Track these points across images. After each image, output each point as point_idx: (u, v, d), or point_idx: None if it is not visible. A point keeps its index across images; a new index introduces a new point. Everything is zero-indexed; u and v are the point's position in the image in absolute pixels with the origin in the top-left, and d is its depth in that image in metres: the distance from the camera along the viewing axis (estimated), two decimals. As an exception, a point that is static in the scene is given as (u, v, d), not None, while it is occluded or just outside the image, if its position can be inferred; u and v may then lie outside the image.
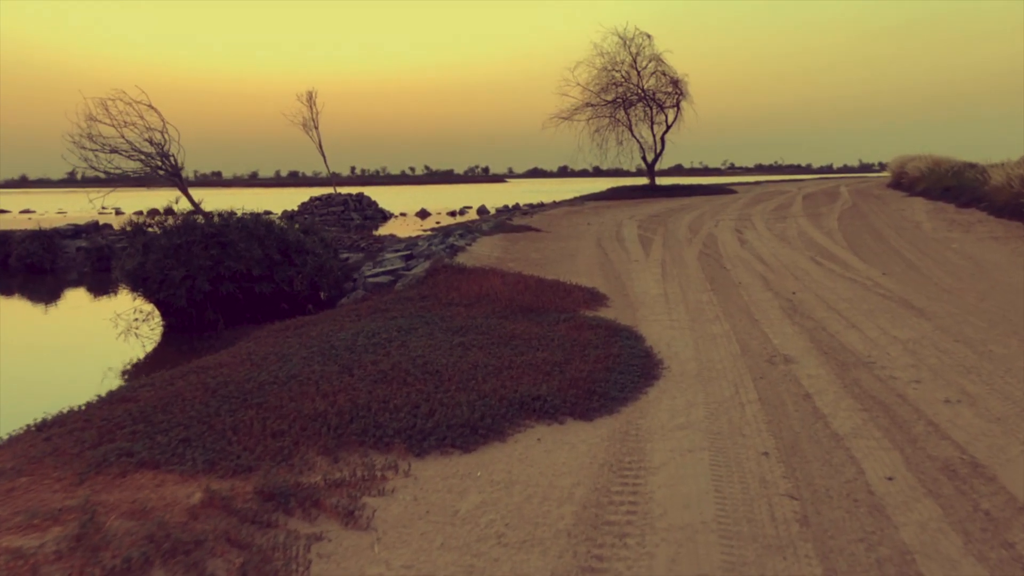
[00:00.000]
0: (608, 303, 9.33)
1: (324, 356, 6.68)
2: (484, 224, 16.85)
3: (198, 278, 10.52)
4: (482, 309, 8.48)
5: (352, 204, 31.11)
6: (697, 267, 12.33)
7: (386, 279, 10.99)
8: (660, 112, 38.74)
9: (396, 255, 13.06)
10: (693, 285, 10.67)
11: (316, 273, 12.45)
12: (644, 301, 9.52)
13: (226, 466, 4.39)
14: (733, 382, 6.09)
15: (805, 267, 12.10)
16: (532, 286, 9.57)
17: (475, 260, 11.72)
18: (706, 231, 17.95)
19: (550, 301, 8.89)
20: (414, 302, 9.07)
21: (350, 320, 8.41)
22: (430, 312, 8.44)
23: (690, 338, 7.60)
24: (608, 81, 38.15)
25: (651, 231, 18.01)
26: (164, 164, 15.04)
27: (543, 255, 13.16)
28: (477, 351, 6.70)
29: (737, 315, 8.65)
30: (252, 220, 12.42)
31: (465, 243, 13.18)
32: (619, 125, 39.09)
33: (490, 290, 9.29)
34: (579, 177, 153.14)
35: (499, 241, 14.48)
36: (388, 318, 8.26)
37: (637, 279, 11.17)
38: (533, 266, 11.87)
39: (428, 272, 10.53)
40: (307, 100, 33.14)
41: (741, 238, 16.36)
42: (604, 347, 6.89)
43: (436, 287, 9.74)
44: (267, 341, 7.83)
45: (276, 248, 12.07)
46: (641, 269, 12.11)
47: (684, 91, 38.02)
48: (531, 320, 8.03)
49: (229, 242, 11.06)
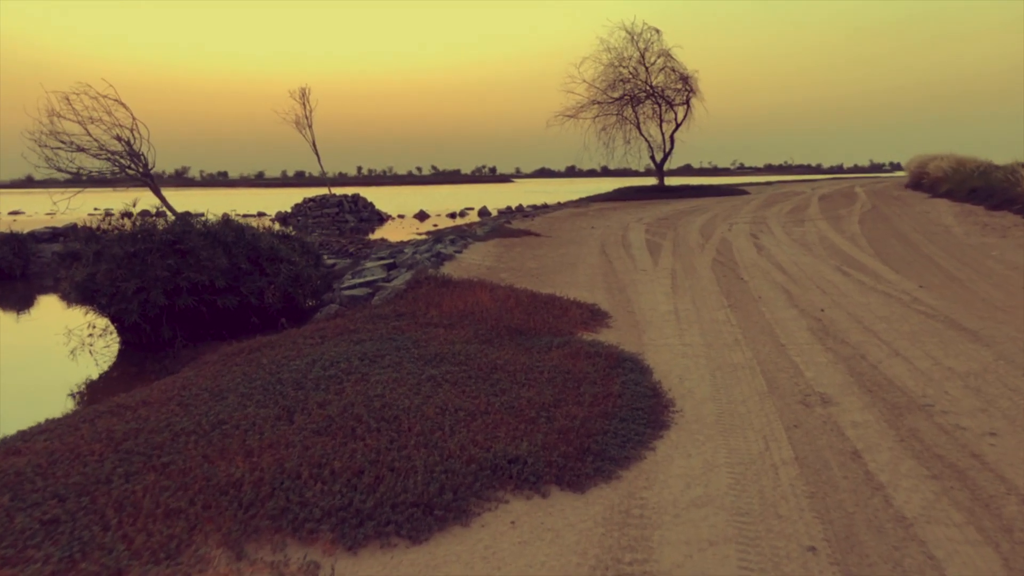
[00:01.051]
0: (610, 323, 8.16)
1: (266, 393, 5.56)
2: (479, 228, 15.73)
3: (152, 291, 9.41)
4: (464, 331, 7.34)
5: (347, 206, 29.93)
6: (711, 278, 11.15)
7: (363, 292, 9.86)
8: (669, 109, 37.56)
9: (377, 264, 11.94)
10: (708, 300, 9.49)
11: (291, 284, 11.32)
12: (652, 320, 8.36)
13: (88, 568, 3.27)
14: (761, 432, 4.92)
15: (831, 278, 10.90)
16: (524, 302, 8.42)
17: (463, 270, 10.58)
18: (719, 236, 16.75)
19: (543, 321, 7.74)
20: (388, 321, 7.94)
21: (311, 344, 7.28)
22: (403, 334, 7.30)
23: (706, 369, 6.43)
24: (615, 78, 37.00)
25: (660, 236, 16.84)
26: (134, 164, 13.96)
27: (540, 264, 12.00)
28: (449, 389, 5.55)
29: (760, 338, 7.48)
30: (220, 225, 11.31)
31: (455, 250, 12.05)
32: (626, 123, 37.94)
33: (475, 307, 8.15)
34: (587, 177, 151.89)
35: (493, 248, 13.34)
36: (354, 341, 7.13)
37: (644, 292, 10.00)
38: (528, 277, 10.72)
39: (409, 285, 9.40)
40: (300, 97, 32.08)
41: (758, 244, 15.16)
42: (603, 383, 5.73)
43: (416, 303, 8.60)
44: (209, 370, 6.71)
45: (245, 256, 10.95)
46: (649, 280, 10.94)
47: (694, 87, 36.83)
48: (519, 345, 6.88)
49: (189, 250, 9.95)
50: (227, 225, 11.37)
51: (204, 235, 10.58)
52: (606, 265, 12.31)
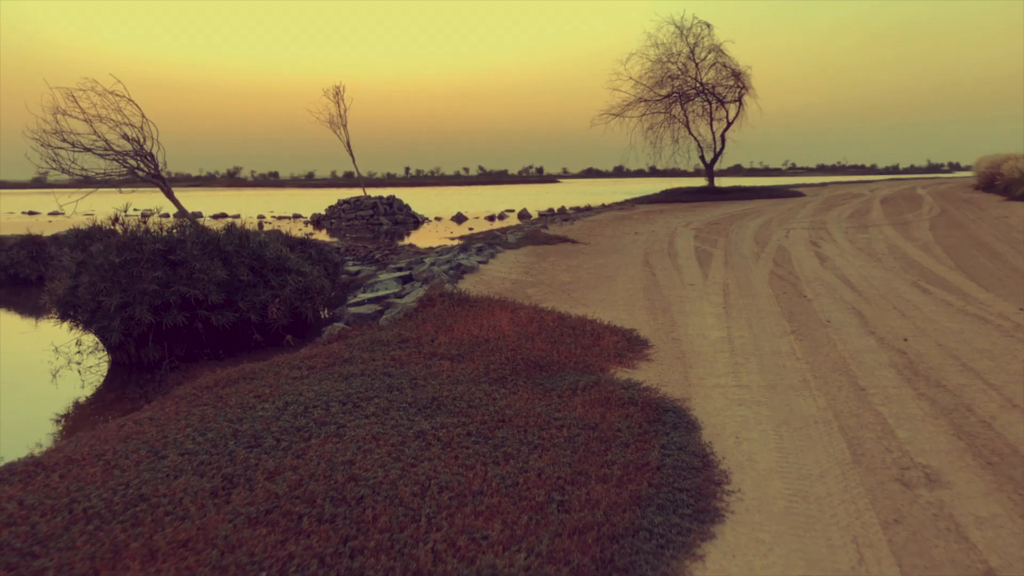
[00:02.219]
0: (650, 354, 6.88)
1: (212, 452, 4.46)
2: (511, 235, 14.54)
3: (137, 307, 8.45)
4: (473, 365, 6.15)
5: (382, 208, 28.92)
6: (769, 294, 9.77)
7: (370, 309, 8.75)
8: (720, 107, 35.84)
9: (392, 276, 10.84)
10: (767, 324, 8.14)
11: (299, 297, 10.29)
12: (700, 350, 7.05)
13: None
14: (850, 531, 3.62)
15: (910, 296, 9.43)
16: (548, 327, 7.20)
17: (485, 285, 9.40)
18: (775, 243, 15.27)
19: (570, 352, 6.51)
20: (388, 349, 6.80)
21: (294, 377, 6.18)
22: (402, 368, 6.15)
23: (769, 424, 5.13)
24: (663, 74, 35.47)
25: (710, 243, 15.42)
26: (145, 164, 13.11)
27: (574, 277, 10.75)
28: (439, 452, 4.37)
29: (833, 378, 6.13)
30: (223, 232, 10.33)
31: (479, 260, 10.88)
32: (675, 122, 36.35)
33: (491, 333, 6.96)
34: (635, 177, 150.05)
35: (523, 257, 12.14)
36: (342, 377, 6.00)
37: (692, 313, 8.69)
38: (558, 293, 9.48)
39: (420, 303, 8.26)
40: (334, 96, 31.24)
41: (819, 253, 13.66)
42: (638, 446, 4.49)
43: (424, 326, 7.45)
44: (170, 409, 5.64)
45: (248, 267, 9.95)
46: (697, 298, 9.60)
47: (747, 84, 35.06)
48: (537, 386, 5.66)
49: (182, 261, 8.97)
50: (229, 232, 10.38)
51: (201, 244, 9.60)
52: (649, 278, 11.00)
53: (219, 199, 69.36)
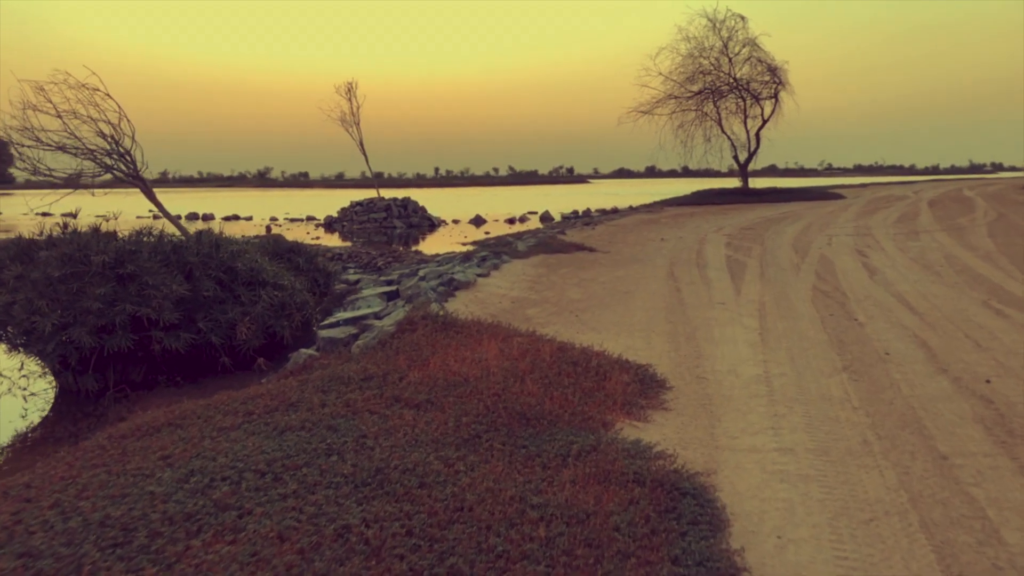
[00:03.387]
0: (668, 401, 5.56)
1: (58, 556, 3.27)
2: (521, 242, 13.24)
3: (76, 327, 7.33)
4: (442, 416, 4.89)
5: (395, 210, 27.67)
6: (813, 316, 8.38)
7: (344, 333, 7.54)
8: (755, 104, 34.16)
9: (376, 292, 9.63)
10: (812, 356, 6.77)
11: (273, 314, 9.13)
12: (731, 395, 5.72)
13: None
14: None
15: (982, 321, 7.98)
16: (545, 362, 5.91)
17: (480, 304, 8.13)
18: (817, 252, 13.80)
19: (566, 399, 5.22)
20: (348, 389, 5.57)
21: (221, 428, 4.99)
22: (354, 418, 4.92)
23: (822, 515, 3.80)
24: (695, 69, 33.88)
25: (744, 251, 13.99)
26: (123, 163, 12.06)
27: (586, 293, 9.41)
28: (359, 566, 3.13)
29: (903, 439, 4.77)
30: (192, 240, 9.20)
31: (478, 274, 9.61)
32: (707, 119, 34.74)
33: (474, 370, 5.70)
34: (666, 178, 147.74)
35: (532, 268, 10.85)
36: (277, 430, 4.79)
37: (722, 341, 7.34)
38: (564, 314, 8.17)
39: (399, 327, 7.03)
40: (346, 93, 30.11)
41: (867, 264, 12.18)
42: (641, 556, 3.21)
43: (397, 357, 6.21)
44: (51, 475, 4.47)
45: (215, 280, 8.81)
46: (729, 320, 8.24)
47: (783, 80, 33.32)
48: (516, 451, 4.39)
49: (130, 274, 7.83)
50: (200, 239, 9.25)
51: (162, 255, 8.48)
52: (673, 295, 9.64)
53: (239, 200, 68.88)
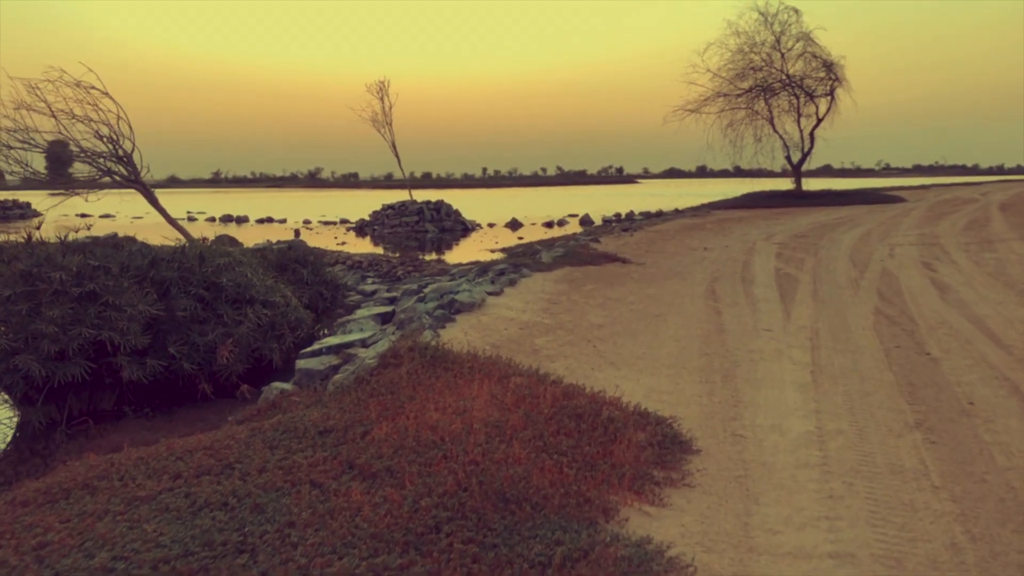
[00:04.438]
0: (691, 474, 4.40)
1: None
2: (546, 253, 12.12)
3: (24, 354, 6.50)
4: (399, 494, 3.85)
5: (428, 214, 26.73)
6: (876, 349, 7.11)
7: (324, 364, 6.58)
8: (809, 102, 32.37)
9: (370, 314, 8.65)
10: (876, 406, 5.54)
11: (261, 335, 8.23)
12: (774, 464, 4.54)
13: None
14: None
15: (1086, 359, 6.61)
16: (542, 415, 4.82)
17: (481, 332, 7.05)
18: (878, 265, 12.38)
19: (561, 472, 4.13)
20: (298, 446, 4.57)
21: (132, 499, 4.04)
22: (291, 493, 3.91)
23: None
24: (745, 66, 32.26)
25: (795, 264, 12.64)
26: (125, 168, 11.34)
27: (609, 317, 8.25)
28: None
29: (1006, 541, 3.56)
30: (177, 251, 8.36)
31: (488, 292, 8.53)
32: (757, 118, 33.07)
33: (454, 425, 4.65)
34: (718, 178, 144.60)
35: (552, 285, 9.73)
36: (193, 509, 3.81)
37: (765, 382, 6.14)
38: (579, 345, 7.03)
39: (382, 360, 6.02)
40: (378, 92, 29.31)
41: (937, 280, 10.76)
42: None
43: (367, 404, 5.19)
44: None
45: (196, 297, 7.94)
46: (775, 354, 7.02)
47: (840, 76, 31.48)
48: (482, 554, 3.32)
49: (90, 293, 6.98)
50: (183, 251, 8.40)
51: (133, 269, 7.64)
52: (711, 319, 8.44)
53: (280, 201, 68.84)
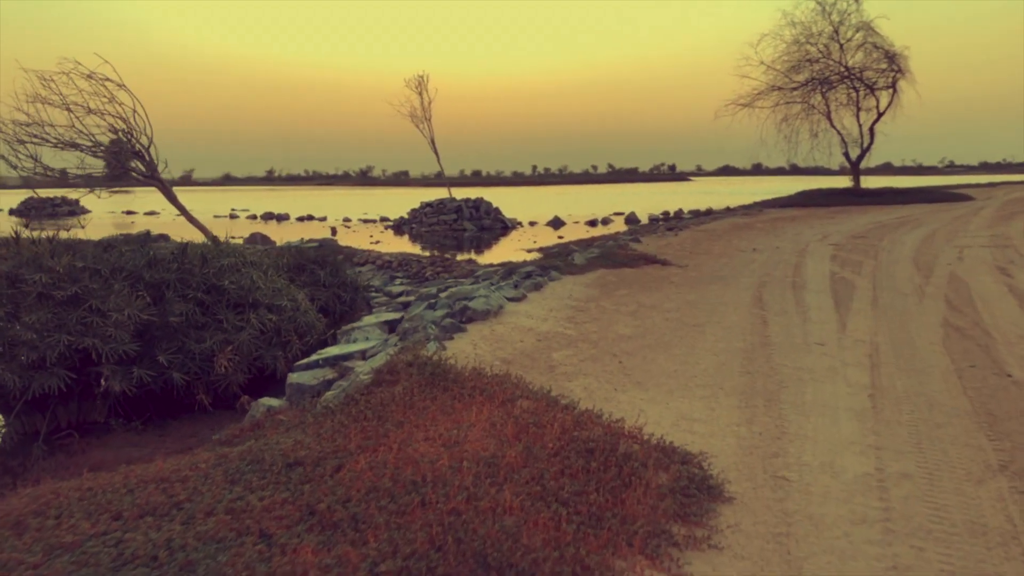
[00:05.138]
0: (720, 529, 3.62)
1: None
2: (579, 255, 11.32)
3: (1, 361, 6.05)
4: (355, 556, 3.18)
5: (466, 212, 26.08)
6: (946, 369, 6.18)
7: (317, 379, 5.96)
8: (869, 95, 30.79)
9: (376, 321, 8.00)
10: (948, 441, 4.67)
11: (265, 342, 7.68)
12: (823, 519, 3.73)
13: None
14: None
15: None
16: (548, 448, 4.10)
17: (494, 343, 6.34)
18: (945, 269, 11.30)
19: (558, 526, 3.40)
20: (264, 481, 3.94)
21: (60, 545, 3.46)
22: (232, 547, 3.28)
23: None
24: (801, 58, 30.86)
25: (852, 267, 11.63)
26: (141, 163, 10.96)
27: (640, 327, 7.44)
28: None
29: None
30: (177, 251, 7.87)
31: (509, 297, 7.81)
32: (814, 112, 31.62)
33: (445, 456, 3.96)
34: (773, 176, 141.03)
35: (581, 290, 8.96)
36: (116, 563, 3.21)
37: (815, 409, 5.30)
38: (602, 360, 6.24)
39: (377, 376, 5.37)
40: (417, 87, 28.77)
41: (1014, 287, 9.67)
42: None
43: (347, 431, 4.53)
44: None
45: (196, 301, 7.43)
46: (827, 373, 6.15)
47: (903, 68, 29.86)
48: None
49: (73, 297, 6.50)
50: (184, 252, 7.91)
51: (125, 271, 7.15)
52: (756, 330, 7.58)
53: (326, 199, 69.02)
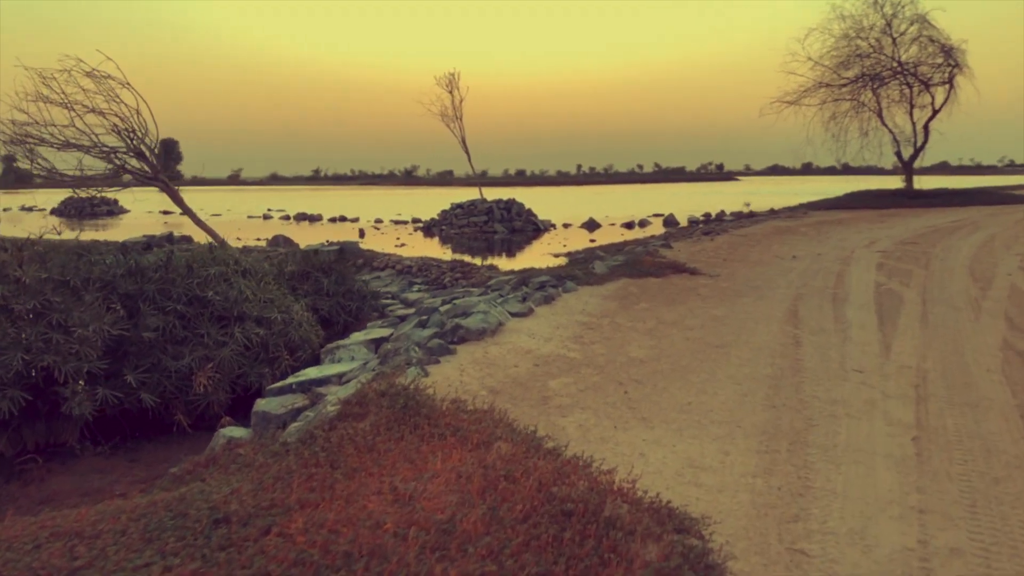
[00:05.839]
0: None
1: None
2: (600, 262, 10.54)
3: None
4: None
5: (497, 213, 25.39)
6: (1007, 405, 5.33)
7: (285, 406, 5.37)
8: (924, 91, 29.32)
9: (364, 339, 7.39)
10: (1010, 504, 3.87)
11: (251, 359, 7.16)
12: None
13: None
14: None
15: None
16: (518, 508, 3.42)
17: (484, 367, 5.66)
18: (1005, 280, 10.29)
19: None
20: (184, 542, 3.34)
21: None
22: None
23: None
24: (850, 53, 29.53)
25: (901, 277, 10.67)
26: (147, 164, 10.57)
27: (656, 348, 6.68)
28: None
29: None
30: (161, 260, 7.41)
31: (513, 312, 7.14)
32: (864, 110, 30.23)
33: (395, 516, 3.33)
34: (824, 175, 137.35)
35: (597, 302, 8.23)
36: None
37: (848, 454, 4.51)
38: (607, 388, 5.50)
39: (344, 408, 4.76)
40: (447, 84, 28.20)
41: (1086, 304, 8.66)
42: None
43: (299, 472, 3.92)
44: None
45: (175, 314, 6.94)
46: (865, 407, 5.34)
47: (960, 62, 28.34)
48: None
49: (34, 310, 6.04)
50: (170, 260, 7.43)
51: (99, 282, 6.69)
52: (786, 353, 6.77)
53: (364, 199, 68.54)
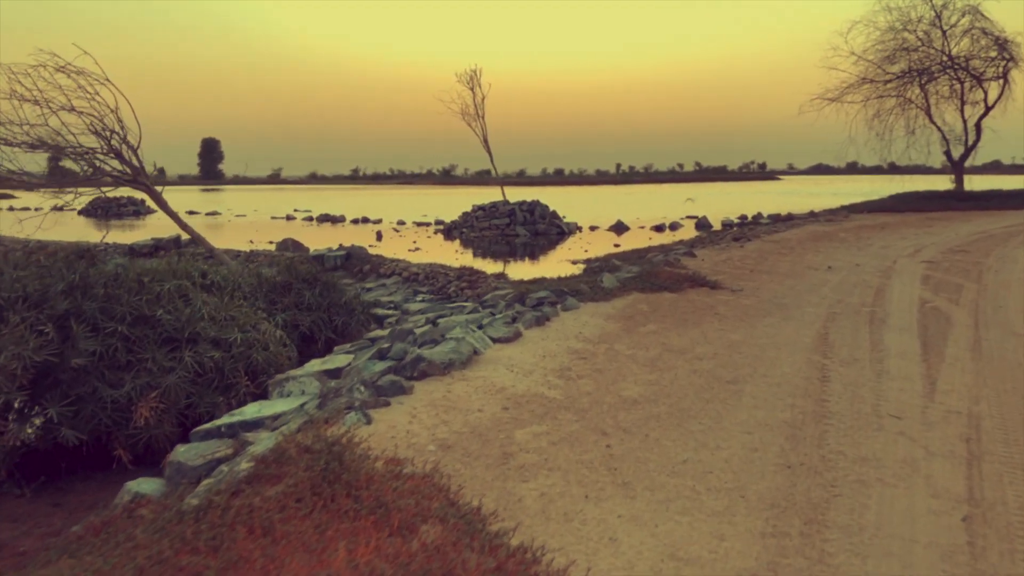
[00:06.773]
0: None
1: None
2: (609, 275, 9.54)
3: None
4: None
5: (520, 216, 24.46)
6: (1084, 470, 4.29)
7: (203, 456, 4.57)
8: (976, 87, 27.70)
9: (322, 369, 6.49)
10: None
11: (203, 385, 6.41)
12: None
13: None
14: None
15: None
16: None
17: (441, 412, 4.80)
18: (1071, 299, 9.09)
19: None
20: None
21: None
22: None
23: None
24: (896, 46, 28.03)
25: (949, 294, 9.53)
26: (128, 166, 9.94)
27: (654, 385, 5.70)
28: None
29: None
30: (110, 275, 6.72)
31: (496, 338, 6.28)
32: (910, 107, 28.70)
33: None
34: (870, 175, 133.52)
35: (597, 323, 7.29)
36: None
37: (876, 539, 3.55)
38: (586, 440, 4.55)
39: (256, 468, 3.93)
40: (469, 82, 27.34)
41: None
42: None
43: (173, 560, 3.10)
44: None
45: (119, 336, 6.22)
46: (903, 467, 4.35)
47: (1015, 56, 26.69)
48: None
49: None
50: (116, 278, 6.72)
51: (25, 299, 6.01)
52: (810, 391, 5.77)
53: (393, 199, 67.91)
